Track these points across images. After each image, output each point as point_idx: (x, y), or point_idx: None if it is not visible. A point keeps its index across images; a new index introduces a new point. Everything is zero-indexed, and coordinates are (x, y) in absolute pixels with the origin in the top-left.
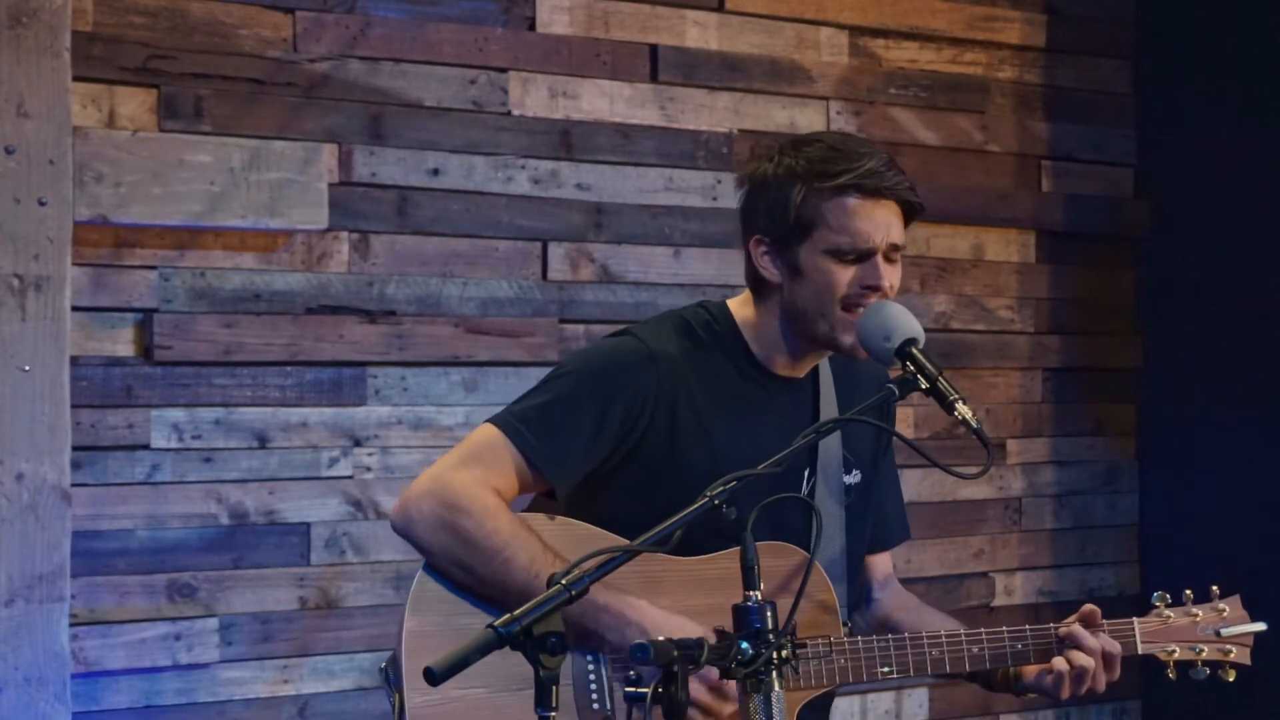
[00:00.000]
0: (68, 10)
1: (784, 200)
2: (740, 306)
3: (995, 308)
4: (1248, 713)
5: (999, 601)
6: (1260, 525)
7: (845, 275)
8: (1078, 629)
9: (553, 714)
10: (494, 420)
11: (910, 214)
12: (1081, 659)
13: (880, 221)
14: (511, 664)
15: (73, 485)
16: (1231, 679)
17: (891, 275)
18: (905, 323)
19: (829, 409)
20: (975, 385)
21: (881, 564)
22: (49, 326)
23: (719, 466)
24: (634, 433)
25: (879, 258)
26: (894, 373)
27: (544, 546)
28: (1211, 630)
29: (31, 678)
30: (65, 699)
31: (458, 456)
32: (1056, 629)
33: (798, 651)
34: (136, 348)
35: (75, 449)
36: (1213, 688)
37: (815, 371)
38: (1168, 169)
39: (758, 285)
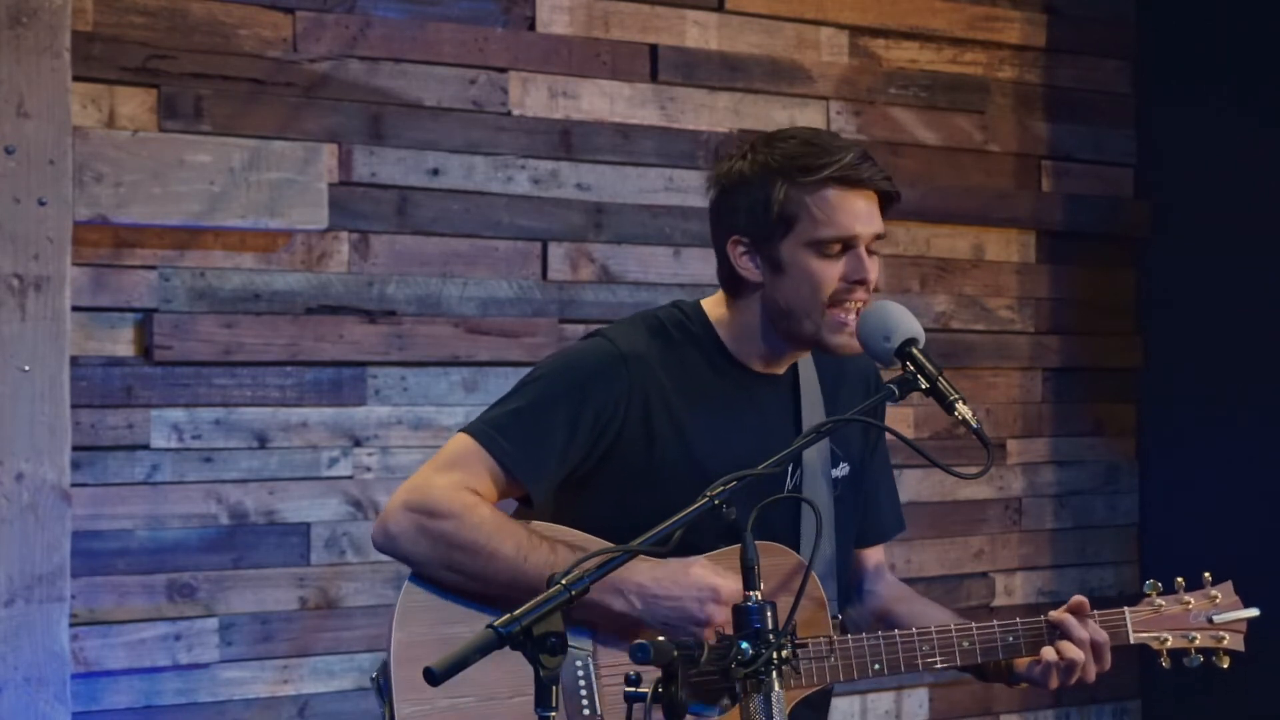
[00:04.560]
0: (68, 10)
1: (764, 197)
2: (714, 306)
3: (995, 308)
4: (1248, 713)
5: (999, 601)
6: (1260, 525)
7: (830, 270)
8: (1067, 618)
9: (553, 714)
10: (467, 429)
11: (886, 204)
12: (1071, 650)
13: (862, 212)
14: (501, 672)
15: (73, 485)
16: (1226, 666)
17: (873, 268)
18: (905, 323)
19: (812, 403)
20: (975, 385)
21: (874, 556)
22: (49, 326)
23: (697, 465)
24: (607, 435)
25: (862, 250)
26: (894, 373)
27: (530, 531)
28: (1204, 617)
29: (31, 678)
30: (65, 699)
31: (432, 467)
32: (1047, 618)
33: (798, 651)
34: (136, 348)
35: (75, 449)
36: (1213, 688)
37: (795, 366)
38: (1168, 169)
39: (735, 286)
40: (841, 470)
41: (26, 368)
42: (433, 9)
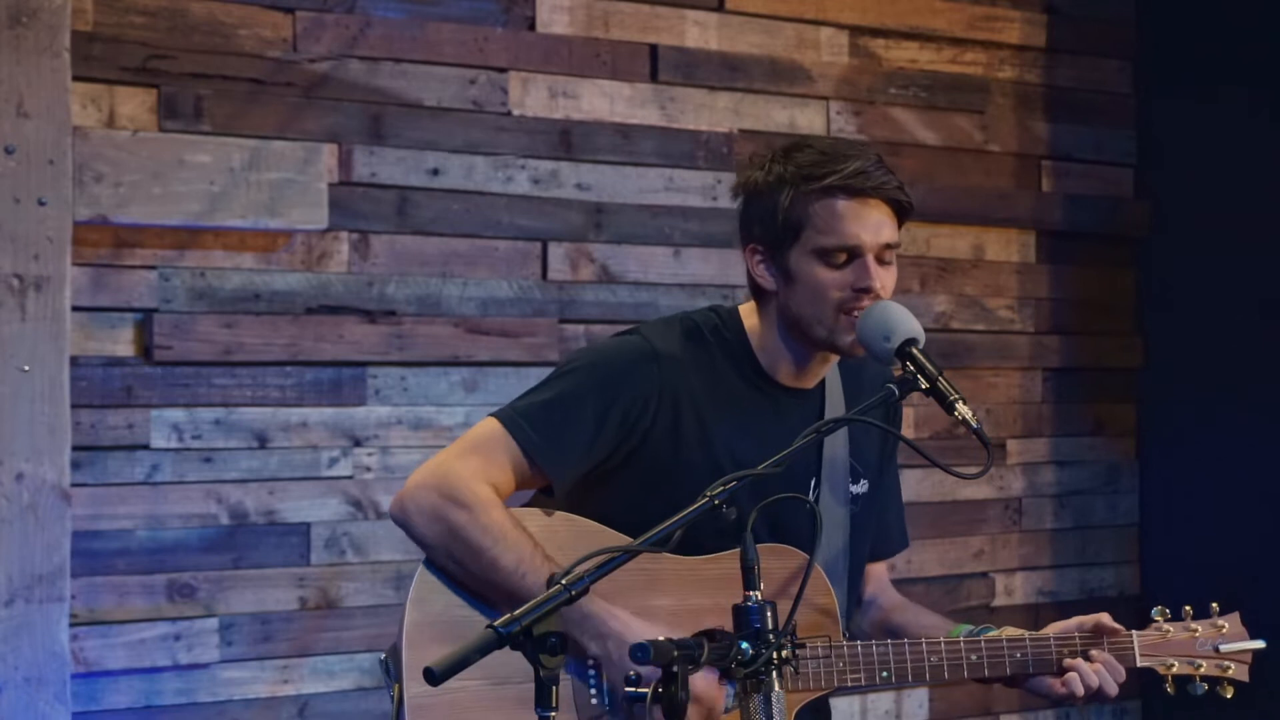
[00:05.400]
0: (68, 10)
1: (773, 206)
2: (749, 314)
3: (995, 308)
4: (1249, 714)
5: (999, 602)
6: (1260, 525)
7: (835, 278)
8: (1082, 666)
9: (553, 714)
10: (496, 414)
11: (901, 214)
12: (1089, 677)
13: (869, 222)
14: (511, 657)
15: (73, 485)
16: (1229, 696)
17: (884, 277)
18: (905, 323)
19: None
20: (975, 385)
21: (877, 571)
22: (49, 326)
23: (718, 473)
24: (635, 433)
25: (869, 259)
26: (894, 372)
27: (535, 548)
28: (1210, 646)
29: (31, 678)
30: (65, 699)
31: (458, 449)
32: (1056, 642)
33: (798, 651)
34: (136, 348)
35: (75, 449)
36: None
37: (822, 383)
38: (1168, 169)
39: (758, 294)
40: (861, 487)
41: (26, 368)
42: (433, 9)
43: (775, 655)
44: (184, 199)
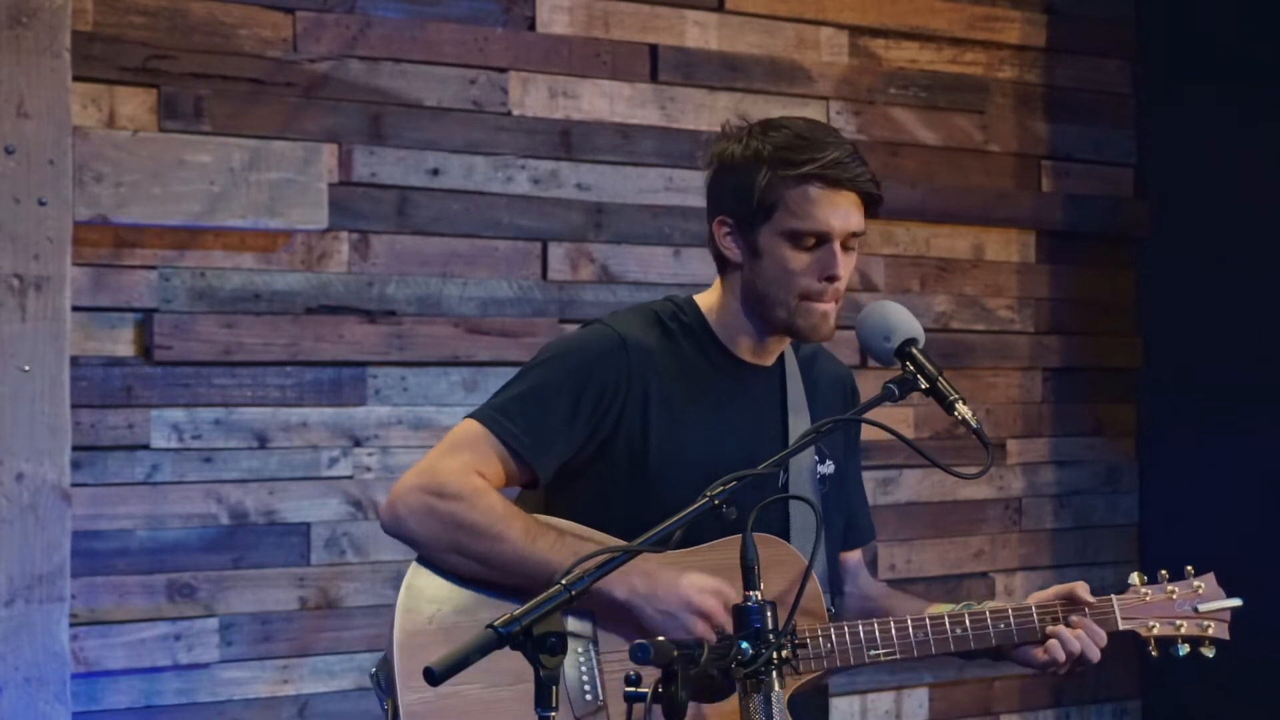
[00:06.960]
0: (68, 10)
1: (749, 183)
2: (706, 298)
3: (995, 308)
4: (1249, 714)
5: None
6: (1260, 525)
7: (801, 261)
8: (1063, 632)
9: (553, 714)
10: (474, 415)
11: (870, 205)
12: (1067, 648)
13: (840, 210)
14: (504, 660)
15: (73, 485)
16: (1211, 655)
17: (847, 264)
18: (905, 323)
19: (796, 399)
20: (975, 385)
21: (852, 558)
22: (49, 326)
23: (689, 455)
24: (608, 419)
25: (836, 245)
26: (894, 372)
27: (536, 519)
28: (1189, 606)
29: (31, 678)
30: (65, 699)
31: (440, 451)
32: (1038, 611)
33: (798, 651)
34: (136, 348)
35: (75, 449)
36: (1212, 688)
37: (781, 359)
38: (1168, 169)
39: (720, 263)
40: (827, 468)
41: (26, 368)
42: (433, 9)
43: (775, 655)
44: (184, 199)
